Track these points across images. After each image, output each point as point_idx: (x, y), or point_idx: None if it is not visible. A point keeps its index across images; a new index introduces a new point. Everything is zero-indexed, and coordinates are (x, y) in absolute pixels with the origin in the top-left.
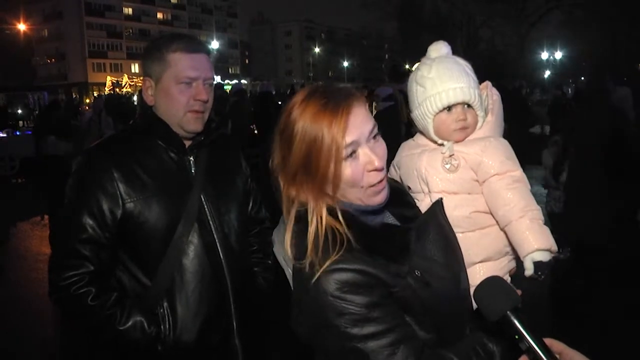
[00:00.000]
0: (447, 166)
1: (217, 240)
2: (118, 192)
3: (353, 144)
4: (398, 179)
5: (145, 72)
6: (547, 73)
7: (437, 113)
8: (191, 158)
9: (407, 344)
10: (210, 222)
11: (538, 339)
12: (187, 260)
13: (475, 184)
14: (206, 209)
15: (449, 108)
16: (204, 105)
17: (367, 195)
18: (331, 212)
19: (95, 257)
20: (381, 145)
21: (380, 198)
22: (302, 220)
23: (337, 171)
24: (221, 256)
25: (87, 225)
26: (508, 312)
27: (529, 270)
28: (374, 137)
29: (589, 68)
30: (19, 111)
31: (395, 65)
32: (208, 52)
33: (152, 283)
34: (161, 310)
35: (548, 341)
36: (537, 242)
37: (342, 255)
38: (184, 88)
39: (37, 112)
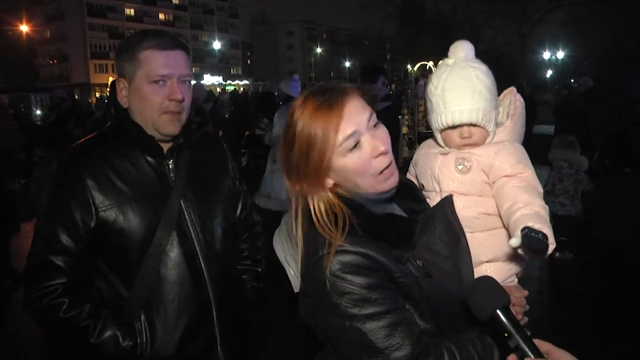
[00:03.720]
0: (460, 167)
1: (197, 249)
2: (91, 201)
3: (354, 134)
4: (414, 177)
5: (118, 73)
6: (549, 73)
7: (443, 130)
8: (170, 162)
9: (405, 327)
10: (190, 230)
11: (527, 338)
12: (165, 270)
13: (486, 187)
14: (186, 216)
15: (454, 126)
16: (179, 105)
17: (378, 181)
18: (337, 199)
19: (69, 268)
20: (383, 131)
21: (392, 183)
22: (307, 213)
23: (332, 165)
24: (202, 265)
25: (60, 236)
26: (497, 311)
27: (517, 238)
28: (375, 125)
29: (592, 68)
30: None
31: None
32: (184, 48)
33: (129, 294)
34: (138, 323)
35: (536, 341)
36: (533, 223)
37: (345, 239)
38: (157, 88)
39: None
